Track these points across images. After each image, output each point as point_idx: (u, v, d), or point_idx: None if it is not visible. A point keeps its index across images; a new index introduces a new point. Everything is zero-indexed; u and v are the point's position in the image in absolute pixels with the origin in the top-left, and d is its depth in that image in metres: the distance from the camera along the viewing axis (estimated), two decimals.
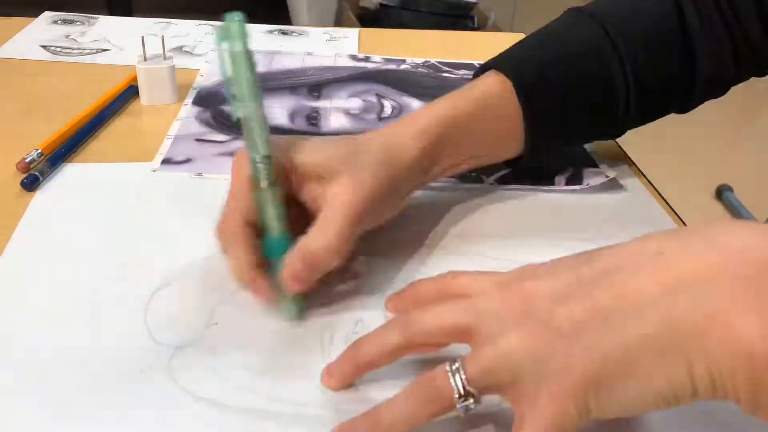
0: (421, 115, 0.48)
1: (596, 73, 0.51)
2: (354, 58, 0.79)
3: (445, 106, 0.48)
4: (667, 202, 0.54)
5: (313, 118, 0.64)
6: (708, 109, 0.58)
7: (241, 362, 0.37)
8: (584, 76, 0.51)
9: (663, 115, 0.55)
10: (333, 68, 0.75)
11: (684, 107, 0.55)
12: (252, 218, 0.41)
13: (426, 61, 0.79)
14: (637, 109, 0.52)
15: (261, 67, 0.73)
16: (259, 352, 0.38)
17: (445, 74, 0.77)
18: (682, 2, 0.51)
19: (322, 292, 0.42)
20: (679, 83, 0.53)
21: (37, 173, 0.50)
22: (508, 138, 0.51)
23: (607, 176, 0.55)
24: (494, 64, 0.51)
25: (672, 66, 0.52)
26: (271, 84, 0.70)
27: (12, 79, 0.67)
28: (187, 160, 0.55)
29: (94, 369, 0.36)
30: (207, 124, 0.61)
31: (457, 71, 0.78)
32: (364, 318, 0.41)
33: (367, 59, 0.79)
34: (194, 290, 0.42)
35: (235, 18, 0.39)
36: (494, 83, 0.50)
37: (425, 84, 0.74)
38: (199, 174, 0.54)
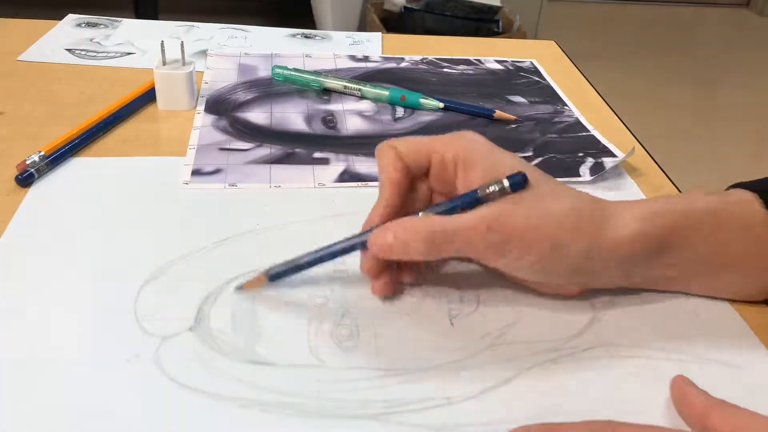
0: (645, 200, 0.42)
1: None
2: (353, 58, 0.79)
3: (672, 197, 0.43)
4: None
5: (330, 121, 0.65)
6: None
7: (226, 352, 0.38)
8: None
9: None
10: (335, 70, 0.75)
11: None
12: (403, 152, 0.42)
13: (424, 59, 0.80)
14: None
15: (263, 72, 0.73)
16: (244, 342, 0.39)
17: (445, 69, 0.77)
18: None
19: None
20: None
21: (32, 170, 0.52)
22: (763, 256, 0.42)
23: (622, 155, 0.58)
24: (738, 184, 0.45)
25: None
26: (278, 89, 0.70)
27: (38, 83, 0.68)
28: (217, 171, 0.55)
29: (82, 357, 0.37)
30: (226, 131, 0.62)
31: (456, 66, 0.78)
32: (351, 311, 0.42)
33: (366, 59, 0.79)
34: (184, 282, 0.43)
35: None
36: (736, 193, 0.43)
37: (428, 80, 0.74)
38: (233, 184, 0.54)
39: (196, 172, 0.55)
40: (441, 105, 0.65)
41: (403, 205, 0.42)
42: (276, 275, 0.42)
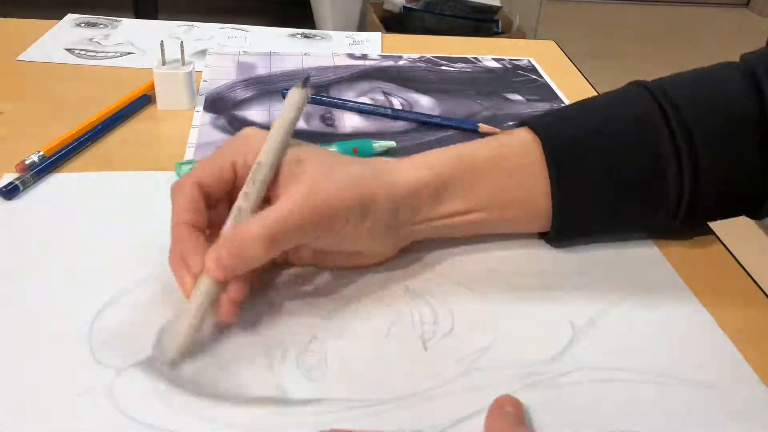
0: (429, 152, 0.45)
1: (642, 152, 0.45)
2: (351, 56, 0.79)
3: (459, 146, 0.45)
4: None
5: (328, 119, 0.65)
6: None
7: (186, 384, 0.36)
8: (625, 149, 0.45)
9: (727, 217, 0.48)
10: (333, 68, 0.76)
11: (756, 212, 0.48)
12: (207, 182, 0.39)
13: (422, 57, 0.80)
14: (690, 209, 0.46)
15: (262, 70, 0.74)
16: (204, 373, 0.37)
17: (443, 67, 0.77)
18: (763, 84, 0.45)
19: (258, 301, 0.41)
20: (753, 183, 0.46)
21: (18, 183, 0.50)
22: (535, 195, 0.45)
23: None
24: (525, 121, 0.47)
25: (745, 163, 0.45)
26: (277, 87, 0.70)
27: (38, 83, 0.68)
28: None
29: (31, 391, 0.35)
30: (224, 130, 0.62)
31: (454, 65, 0.78)
32: (319, 335, 0.39)
33: (364, 57, 0.79)
34: (143, 307, 0.40)
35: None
36: (520, 134, 0.46)
37: (426, 78, 0.74)
38: None
39: None
40: (393, 144, 0.60)
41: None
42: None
